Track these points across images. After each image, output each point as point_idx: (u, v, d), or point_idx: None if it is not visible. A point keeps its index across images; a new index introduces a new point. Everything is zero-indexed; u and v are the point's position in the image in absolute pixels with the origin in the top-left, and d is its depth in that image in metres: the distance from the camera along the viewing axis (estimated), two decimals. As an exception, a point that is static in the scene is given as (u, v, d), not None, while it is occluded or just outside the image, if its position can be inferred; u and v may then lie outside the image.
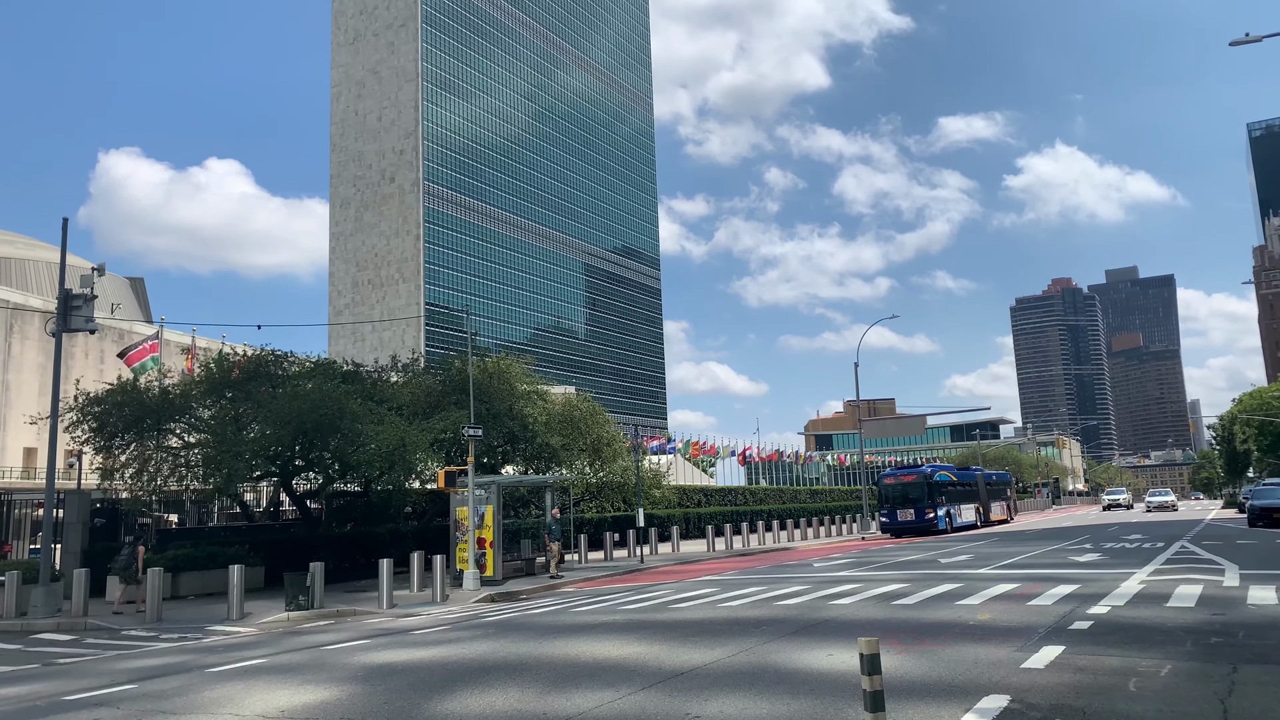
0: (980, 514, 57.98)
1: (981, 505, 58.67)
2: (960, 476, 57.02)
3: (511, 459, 37.66)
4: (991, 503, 61.66)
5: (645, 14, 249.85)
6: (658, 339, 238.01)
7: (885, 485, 52.21)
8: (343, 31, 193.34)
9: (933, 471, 52.19)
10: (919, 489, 50.35)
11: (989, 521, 59.52)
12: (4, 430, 70.01)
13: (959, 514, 53.43)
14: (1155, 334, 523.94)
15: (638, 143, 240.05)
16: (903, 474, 52.15)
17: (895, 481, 51.58)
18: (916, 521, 49.66)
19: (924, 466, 54.85)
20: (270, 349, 33.53)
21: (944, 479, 52.93)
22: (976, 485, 59.30)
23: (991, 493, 62.63)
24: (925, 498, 49.93)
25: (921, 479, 50.62)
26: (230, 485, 28.80)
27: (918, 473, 51.43)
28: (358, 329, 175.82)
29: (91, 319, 25.33)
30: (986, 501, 60.23)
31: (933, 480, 50.88)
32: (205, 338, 67.11)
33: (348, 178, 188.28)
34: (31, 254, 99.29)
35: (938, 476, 51.91)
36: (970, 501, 56.69)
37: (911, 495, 50.25)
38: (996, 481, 66.48)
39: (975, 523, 56.29)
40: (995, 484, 65.54)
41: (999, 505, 63.95)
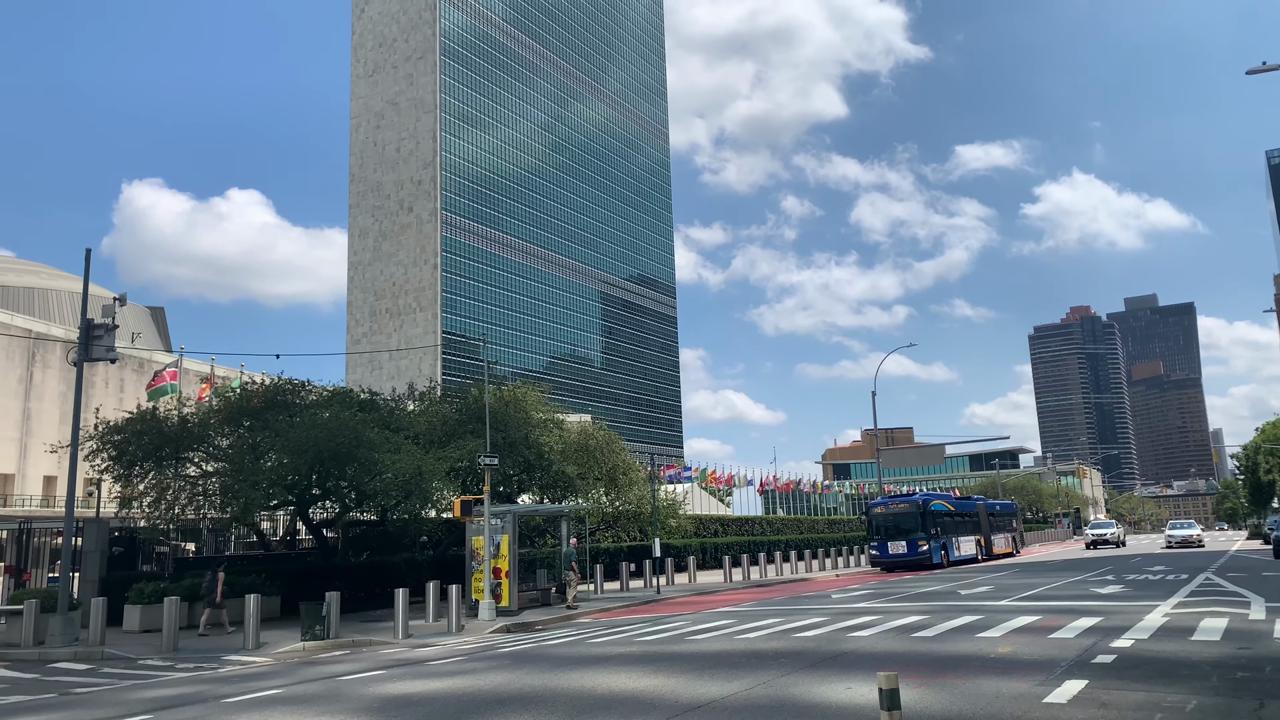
0: (982, 546, 54.64)
1: (983, 537, 55.53)
2: (959, 506, 53.99)
3: (527, 488, 37.61)
4: (995, 534, 58.58)
5: (661, 45, 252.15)
6: (674, 367, 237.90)
7: (875, 515, 48.70)
8: (362, 64, 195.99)
9: (926, 500, 48.67)
10: (911, 519, 46.75)
11: (992, 555, 56.29)
12: (25, 458, 70.56)
13: (957, 546, 49.98)
14: (1176, 362, 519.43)
15: (654, 172, 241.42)
16: (894, 503, 48.95)
17: (885, 511, 48.09)
18: (909, 554, 46.05)
19: (916, 495, 51.74)
20: (288, 378, 33.72)
21: (940, 508, 49.49)
22: (978, 516, 56.08)
23: (995, 524, 59.61)
24: (918, 528, 46.34)
25: (914, 508, 47.11)
26: (247, 514, 28.87)
27: (910, 501, 48.20)
28: (375, 358, 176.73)
29: (112, 348, 25.57)
30: (989, 533, 57.10)
31: (926, 510, 47.18)
32: (224, 366, 67.63)
33: (366, 207, 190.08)
34: (54, 284, 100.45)
35: (932, 505, 48.32)
36: (970, 533, 53.42)
37: (903, 526, 46.75)
38: (1001, 512, 63.24)
39: (976, 556, 52.97)
40: (999, 514, 62.26)
41: (1003, 537, 60.62)
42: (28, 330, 72.25)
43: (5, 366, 70.35)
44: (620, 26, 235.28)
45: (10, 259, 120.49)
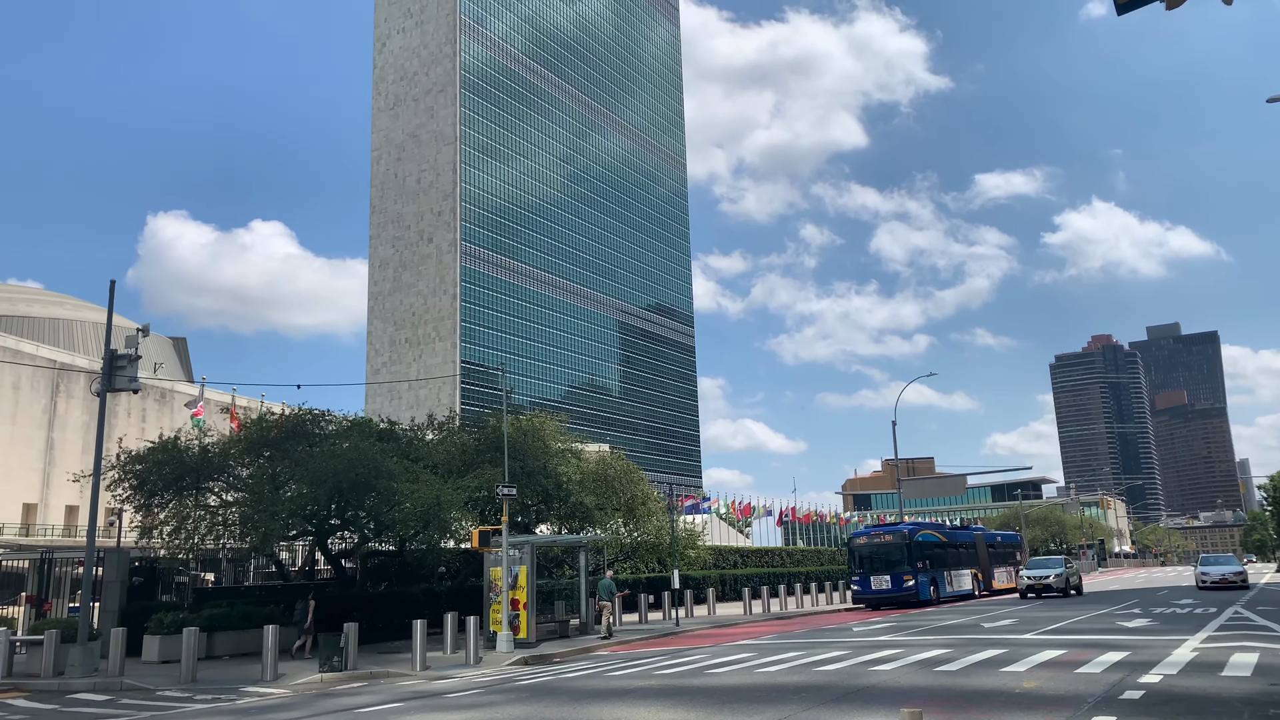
0: (979, 581, 50.65)
1: (981, 571, 51.53)
2: (952, 536, 50.45)
3: (545, 518, 37.51)
4: (996, 567, 54.52)
5: (679, 78, 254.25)
6: (692, 396, 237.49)
7: (855, 546, 45.05)
8: (383, 97, 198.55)
9: (914, 530, 45.19)
10: (897, 550, 42.96)
11: (991, 590, 52.27)
12: (48, 488, 71.09)
13: (949, 581, 46.22)
14: (1200, 391, 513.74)
15: (672, 202, 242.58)
16: (877, 532, 45.66)
17: (868, 542, 44.59)
18: (893, 590, 42.27)
19: (903, 524, 48.10)
20: (308, 408, 33.88)
21: (929, 539, 46.05)
22: (975, 547, 52.22)
23: (995, 556, 55.57)
24: (904, 561, 42.55)
25: (899, 539, 43.43)
26: (267, 544, 28.92)
27: (894, 531, 44.63)
28: (394, 387, 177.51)
29: (135, 379, 25.80)
30: (988, 566, 53.03)
31: (913, 540, 43.50)
32: (245, 396, 68.05)
33: (387, 238, 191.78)
34: (79, 315, 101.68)
35: (920, 536, 44.82)
36: (965, 566, 49.41)
37: (888, 558, 43.09)
38: (1002, 544, 59.03)
39: (972, 591, 49.08)
40: (1000, 546, 58.00)
41: (1005, 570, 56.18)
42: (52, 361, 73.08)
43: (30, 397, 71.11)
44: (638, 59, 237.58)
45: (38, 291, 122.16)
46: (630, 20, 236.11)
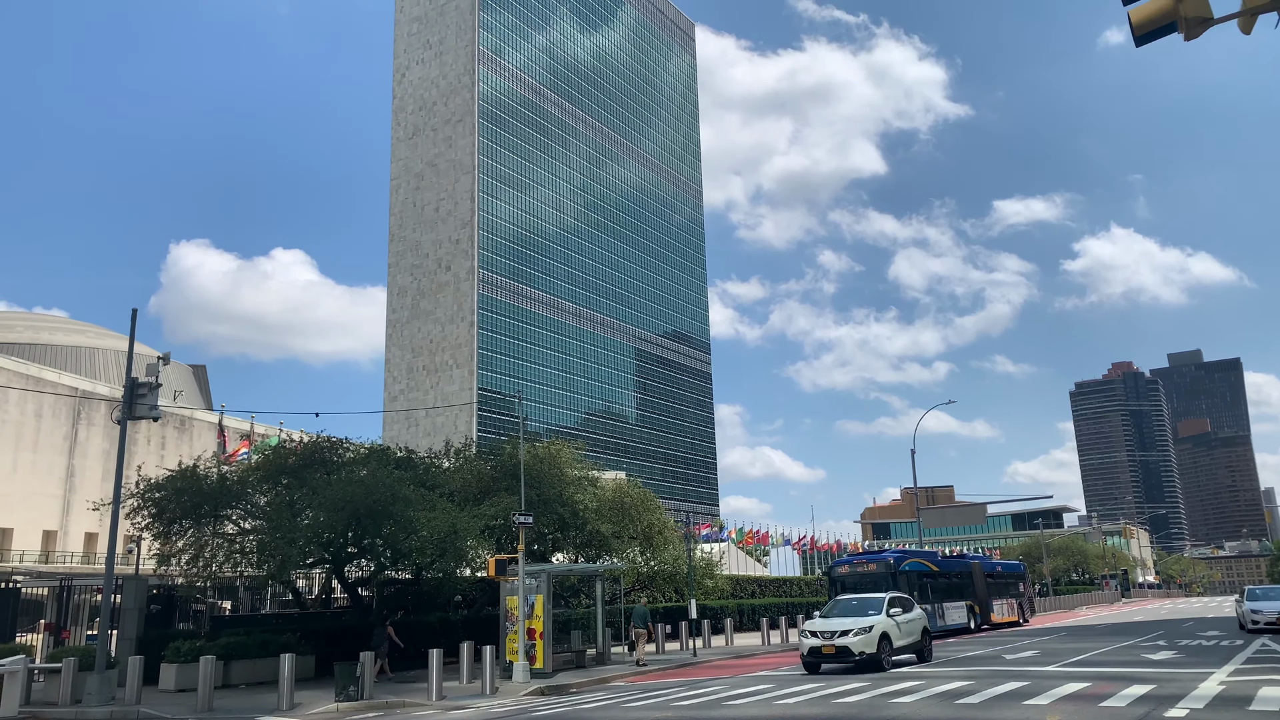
0: (975, 614, 47.29)
1: (977, 603, 48.07)
2: (945, 566, 47.26)
3: (562, 546, 37.38)
4: (995, 599, 50.86)
5: (695, 107, 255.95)
6: (708, 423, 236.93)
7: (837, 576, 42.07)
8: (402, 127, 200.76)
9: (899, 559, 42.24)
10: (881, 580, 39.97)
11: (990, 624, 49.05)
12: (68, 515, 71.55)
13: (941, 614, 43.03)
14: (1224, 419, 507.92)
15: (688, 230, 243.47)
16: (860, 561, 42.84)
17: (850, 571, 41.69)
18: None
19: (887, 552, 45.19)
20: (326, 435, 34.02)
21: (917, 567, 43.10)
22: (971, 577, 48.69)
23: (995, 587, 51.81)
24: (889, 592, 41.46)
25: (883, 568, 40.70)
26: (284, 572, 28.93)
27: (879, 560, 41.87)
28: (412, 414, 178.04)
29: (155, 406, 25.98)
30: (986, 597, 49.41)
31: (899, 570, 40.67)
32: (263, 424, 68.41)
33: (405, 266, 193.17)
34: (101, 342, 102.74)
35: (906, 565, 42.00)
36: (960, 598, 46.15)
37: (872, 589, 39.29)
38: (1003, 573, 55.11)
39: (967, 624, 45.80)
40: (1000, 576, 54.15)
41: (1005, 603, 52.56)
42: (74, 388, 73.79)
43: (52, 424, 71.77)
44: (655, 89, 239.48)
45: (63, 319, 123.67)
46: (647, 51, 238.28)
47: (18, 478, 68.85)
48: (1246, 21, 10.91)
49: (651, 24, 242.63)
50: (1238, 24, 11.02)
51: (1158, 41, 11.21)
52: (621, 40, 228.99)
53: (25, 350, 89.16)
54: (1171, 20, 10.86)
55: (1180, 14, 10.76)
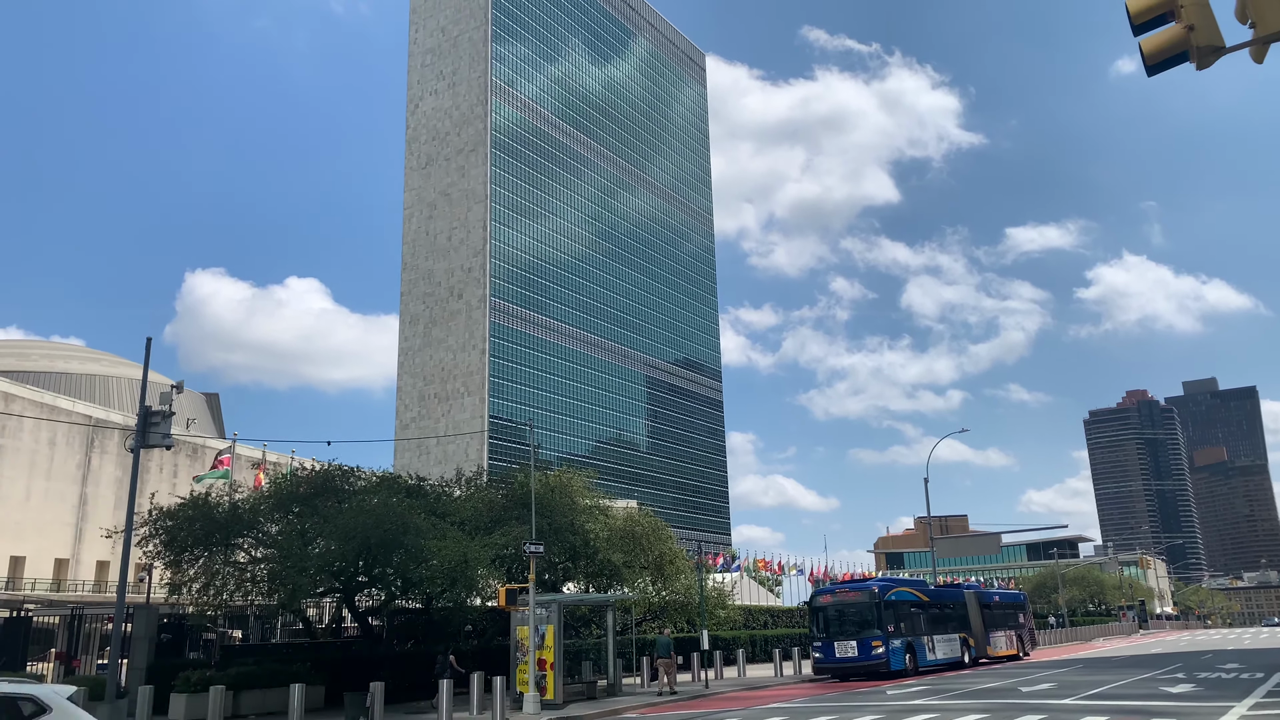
0: (969, 647, 44.28)
1: (973, 635, 45.13)
2: (937, 595, 44.09)
3: (573, 576, 37.20)
4: (992, 631, 47.51)
5: (706, 136, 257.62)
6: (720, 451, 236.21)
7: (818, 606, 38.95)
8: (415, 156, 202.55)
9: (885, 587, 39.13)
10: (865, 611, 37.04)
11: (986, 657, 46.13)
12: (80, 543, 71.65)
13: (931, 647, 40.20)
14: (1240, 448, 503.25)
15: (699, 258, 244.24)
16: (843, 590, 39.88)
17: (832, 601, 38.53)
18: (860, 658, 36.19)
19: (872, 580, 42.56)
20: (338, 464, 34.07)
21: (905, 597, 40.07)
22: (964, 608, 45.51)
23: (992, 618, 48.26)
24: (874, 624, 36.61)
25: (868, 597, 37.40)
26: (294, 601, 28.88)
27: (863, 589, 38.54)
28: (423, 442, 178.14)
29: (168, 435, 26.09)
30: (982, 630, 46.26)
31: (884, 600, 37.46)
32: (276, 452, 68.53)
33: (418, 295, 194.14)
34: (115, 371, 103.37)
35: (893, 595, 38.83)
36: (952, 630, 43.18)
37: (855, 620, 37.24)
38: (1001, 603, 51.61)
39: (960, 658, 42.84)
40: (998, 606, 50.63)
41: (1004, 635, 49.15)
42: (88, 417, 74.18)
43: (65, 452, 72.05)
44: (666, 119, 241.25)
45: (79, 348, 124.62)
46: (658, 81, 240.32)
47: (30, 506, 69.07)
48: (1259, 50, 10.91)
49: (663, 55, 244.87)
50: (1250, 53, 11.01)
51: (1170, 70, 11.22)
52: (633, 71, 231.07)
53: (40, 378, 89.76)
54: (1183, 50, 10.86)
55: (1192, 43, 10.76)
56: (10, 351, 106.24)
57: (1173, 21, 11.00)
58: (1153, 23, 11.13)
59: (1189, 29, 10.77)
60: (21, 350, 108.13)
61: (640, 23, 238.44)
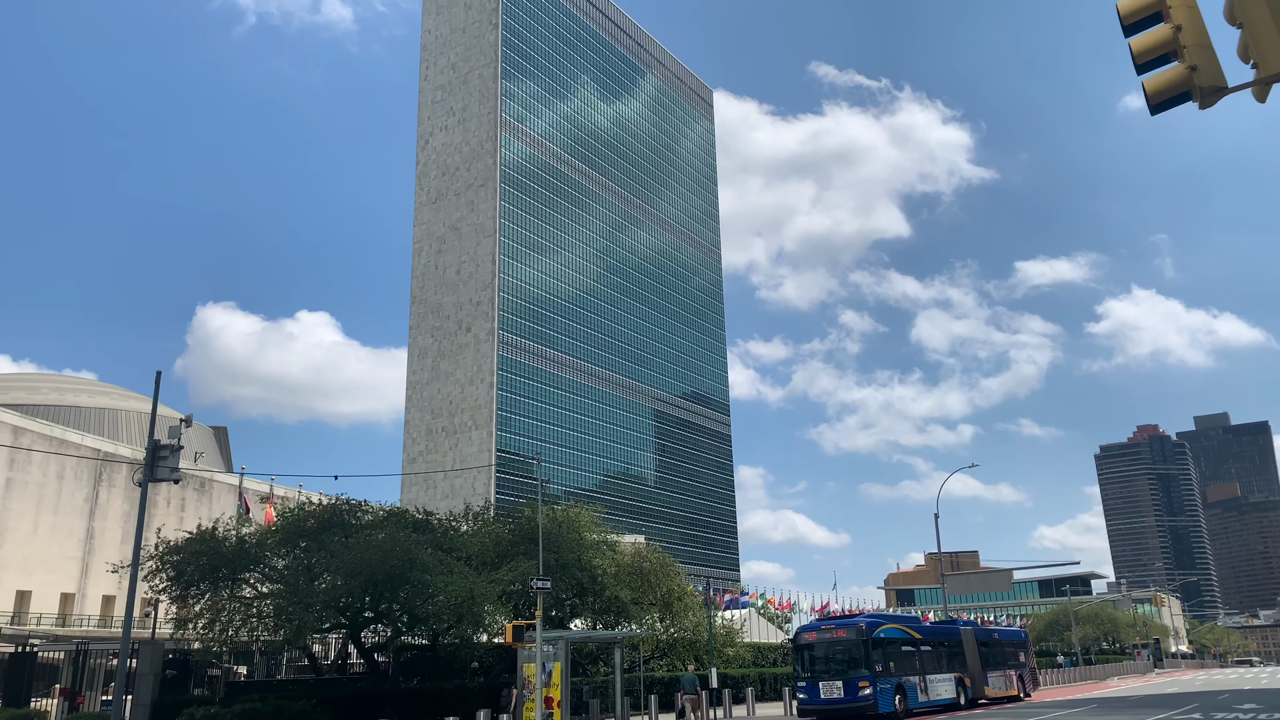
0: (965, 687, 41.93)
1: (969, 675, 42.73)
2: (929, 632, 42.01)
3: (580, 612, 36.95)
4: (990, 670, 45.12)
5: (714, 171, 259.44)
6: (729, 486, 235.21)
7: (802, 644, 36.73)
8: (426, 191, 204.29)
9: (874, 624, 36.62)
10: (852, 649, 35.01)
11: (984, 698, 43.77)
12: (86, 578, 71.50)
13: (924, 688, 37.92)
14: (1253, 483, 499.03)
15: (708, 292, 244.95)
16: (829, 627, 37.41)
17: (817, 638, 36.29)
18: (846, 699, 34.07)
19: (860, 616, 40.02)
20: (346, 498, 34.06)
21: (895, 634, 37.82)
22: (960, 645, 43.19)
23: (990, 656, 45.96)
24: (862, 663, 34.49)
25: (855, 635, 35.24)
26: (300, 637, 28.72)
27: (850, 625, 36.33)
28: (430, 476, 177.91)
29: (176, 469, 26.13)
30: (979, 669, 43.86)
31: (872, 637, 35.30)
32: (283, 486, 68.51)
33: (426, 328, 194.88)
34: (124, 404, 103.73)
35: (882, 632, 36.54)
36: (947, 669, 41.03)
37: (841, 658, 35.23)
38: (999, 641, 49.16)
39: (956, 700, 40.70)
40: (997, 644, 48.35)
41: (1002, 675, 46.69)
42: (96, 450, 74.32)
43: (73, 486, 72.13)
44: (675, 155, 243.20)
45: (89, 381, 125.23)
46: (667, 118, 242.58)
47: (38, 540, 69.04)
48: (1261, 90, 10.96)
49: (671, 92, 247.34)
50: (1252, 93, 11.07)
51: (1179, 106, 11.28)
52: (641, 108, 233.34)
53: (50, 412, 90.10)
54: (1186, 90, 10.93)
55: (1195, 83, 10.84)
56: (21, 385, 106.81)
57: (1175, 61, 11.09)
58: (1156, 62, 11.23)
59: (1191, 69, 10.85)
60: (32, 384, 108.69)
61: (649, 60, 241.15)
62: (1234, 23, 10.93)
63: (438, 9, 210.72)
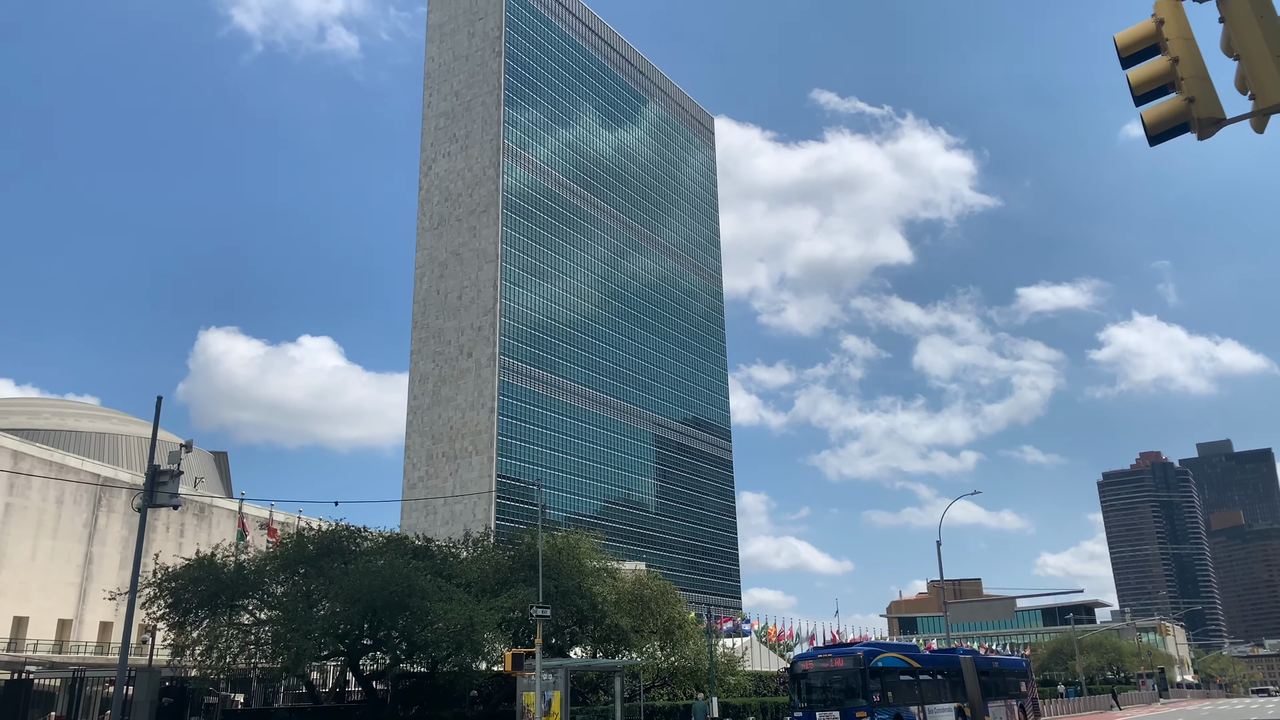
0: (965, 718, 41.46)
1: (969, 705, 41.95)
2: (928, 661, 41.34)
3: (580, 640, 36.70)
4: (991, 700, 44.27)
5: (715, 198, 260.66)
6: (730, 513, 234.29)
7: (799, 673, 36.24)
8: (428, 217, 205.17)
9: (871, 653, 36.23)
10: (850, 678, 34.51)
11: None
12: (84, 603, 71.11)
13: (923, 718, 37.45)
14: (1257, 511, 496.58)
15: (709, 317, 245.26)
16: (826, 655, 36.90)
17: (814, 667, 35.78)
18: None
19: (858, 645, 39.49)
20: (345, 524, 33.94)
21: (893, 663, 37.14)
22: (960, 675, 42.49)
23: (990, 686, 45.19)
24: (859, 692, 33.97)
25: (853, 664, 34.77)
26: (298, 665, 28.51)
27: (847, 654, 35.83)
28: (430, 502, 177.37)
29: (176, 494, 26.05)
30: (979, 699, 42.99)
31: (870, 666, 34.86)
32: (283, 512, 68.29)
33: (428, 353, 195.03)
34: (125, 429, 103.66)
35: (880, 660, 35.97)
36: (946, 699, 40.25)
37: (839, 687, 34.65)
38: (1000, 670, 48.49)
39: None
40: (998, 674, 47.60)
41: (1002, 705, 45.95)
42: (96, 475, 74.16)
43: (72, 511, 71.91)
44: (676, 181, 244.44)
45: (90, 406, 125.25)
46: (669, 145, 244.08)
47: (36, 565, 68.73)
48: (1259, 121, 11.02)
49: (673, 119, 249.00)
50: (1250, 124, 11.13)
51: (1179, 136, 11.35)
52: (643, 135, 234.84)
53: (50, 437, 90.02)
54: (1184, 121, 11.00)
55: (1193, 115, 10.90)
56: (22, 409, 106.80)
57: (1174, 93, 11.17)
58: (1154, 94, 11.30)
59: (1189, 101, 10.92)
60: (34, 408, 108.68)
61: (651, 88, 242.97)
62: (1231, 54, 11.01)
63: (441, 37, 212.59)
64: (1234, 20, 10.82)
